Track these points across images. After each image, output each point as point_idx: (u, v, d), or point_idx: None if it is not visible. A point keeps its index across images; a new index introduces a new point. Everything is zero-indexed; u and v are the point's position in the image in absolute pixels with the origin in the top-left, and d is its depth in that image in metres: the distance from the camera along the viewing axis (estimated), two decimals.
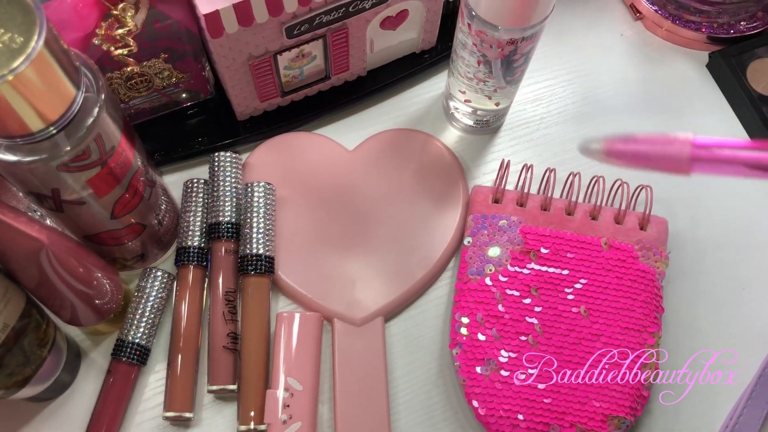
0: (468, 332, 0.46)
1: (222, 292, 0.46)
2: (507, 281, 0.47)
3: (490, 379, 0.44)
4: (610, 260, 0.47)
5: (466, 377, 0.45)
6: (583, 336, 0.45)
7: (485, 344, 0.45)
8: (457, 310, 0.46)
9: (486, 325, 0.46)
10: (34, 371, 0.41)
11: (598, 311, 0.46)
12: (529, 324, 0.46)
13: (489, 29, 0.42)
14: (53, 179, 0.36)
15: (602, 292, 0.46)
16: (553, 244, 0.48)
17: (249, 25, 0.42)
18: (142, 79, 0.46)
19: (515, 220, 0.48)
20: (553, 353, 0.45)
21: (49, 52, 0.31)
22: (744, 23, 0.57)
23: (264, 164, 0.51)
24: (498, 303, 0.46)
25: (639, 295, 0.46)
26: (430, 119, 0.55)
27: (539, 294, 0.46)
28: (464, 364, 0.45)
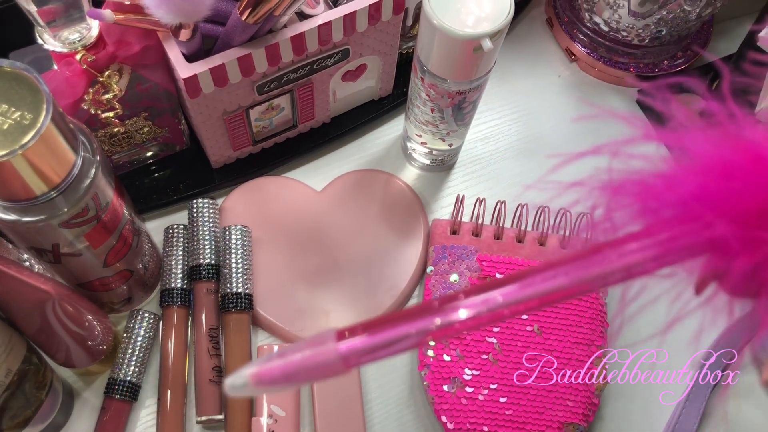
0: (434, 354, 0.50)
1: (205, 329, 0.50)
2: None
3: (456, 395, 0.49)
4: None
5: (434, 395, 0.49)
6: (537, 351, 0.50)
7: (450, 364, 0.50)
8: None
9: (450, 346, 0.50)
10: (33, 413, 0.44)
11: (549, 329, 0.51)
12: (488, 343, 0.50)
13: (439, 82, 0.47)
14: (53, 235, 0.39)
15: (551, 312, 0.51)
16: (507, 269, 0.53)
17: (224, 85, 0.47)
18: (125, 136, 0.50)
19: (472, 249, 0.53)
20: (511, 368, 0.50)
21: (54, 125, 0.35)
22: (667, 62, 0.64)
23: (239, 208, 0.55)
24: None
25: (585, 312, 0.51)
26: (390, 159, 0.60)
27: None
28: (432, 383, 0.49)
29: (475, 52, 0.43)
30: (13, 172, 0.34)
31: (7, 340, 0.40)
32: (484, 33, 0.42)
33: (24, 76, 0.34)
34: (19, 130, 0.33)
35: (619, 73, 0.64)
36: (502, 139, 0.62)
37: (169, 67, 0.47)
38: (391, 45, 0.54)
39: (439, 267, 0.53)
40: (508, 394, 0.49)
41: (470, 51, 0.43)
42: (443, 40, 0.43)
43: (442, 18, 0.42)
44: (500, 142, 0.62)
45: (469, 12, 0.42)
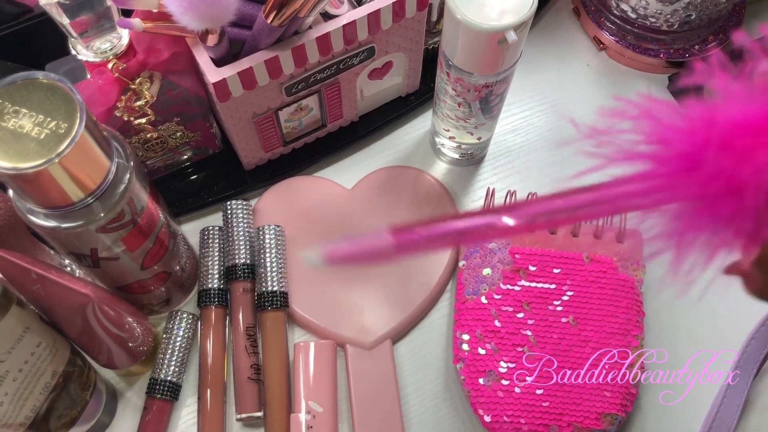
0: (469, 347, 0.50)
1: (243, 328, 0.51)
2: (501, 298, 0.51)
3: (492, 388, 0.49)
4: (592, 272, 0.52)
5: (470, 389, 0.49)
6: (573, 343, 0.50)
7: (485, 357, 0.50)
8: (458, 328, 0.51)
9: (485, 339, 0.50)
10: (79, 413, 0.45)
11: (585, 319, 0.51)
12: (523, 336, 0.50)
13: (465, 76, 0.47)
14: (91, 240, 0.40)
15: (587, 302, 0.51)
16: (540, 261, 0.52)
17: (252, 88, 0.47)
18: (158, 141, 0.51)
19: (504, 242, 0.53)
20: (547, 361, 0.49)
21: (88, 133, 0.36)
22: (698, 47, 0.63)
23: (272, 208, 0.56)
24: (494, 319, 0.51)
25: (621, 302, 0.51)
26: (419, 155, 0.60)
27: (531, 308, 0.51)
28: (468, 377, 0.50)
29: (500, 45, 0.43)
30: (51, 180, 0.35)
31: (52, 343, 0.42)
32: (508, 25, 0.42)
33: (58, 87, 0.35)
34: (55, 139, 0.34)
35: (648, 60, 0.63)
36: (532, 130, 0.62)
37: (198, 73, 0.48)
38: (417, 41, 0.54)
39: (471, 261, 0.53)
40: (546, 385, 0.49)
41: (495, 44, 0.43)
42: (467, 33, 0.43)
43: (465, 12, 0.42)
44: (530, 133, 0.61)
45: (493, 5, 0.42)
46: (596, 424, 0.48)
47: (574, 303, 0.51)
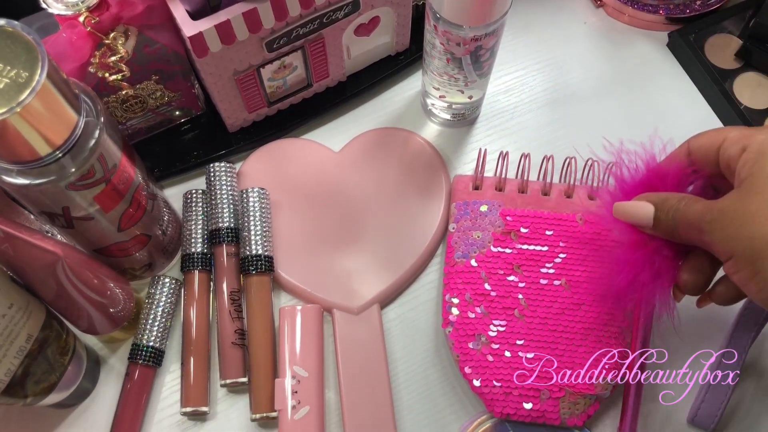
0: (458, 311, 0.49)
1: (227, 293, 0.50)
2: (491, 261, 0.50)
3: (482, 352, 0.47)
4: (585, 234, 0.50)
5: (459, 353, 0.48)
6: (565, 306, 0.49)
7: (475, 321, 0.48)
8: (447, 291, 0.50)
9: (474, 303, 0.49)
10: (58, 378, 0.44)
11: (578, 282, 0.49)
12: (514, 299, 0.49)
13: (453, 29, 0.45)
14: (63, 198, 0.39)
15: (581, 264, 0.50)
16: (532, 223, 0.51)
17: (231, 43, 0.46)
18: (137, 101, 0.50)
19: (495, 204, 0.52)
20: (538, 324, 0.48)
21: (52, 83, 0.34)
22: (699, 2, 0.60)
23: (257, 171, 0.55)
24: (484, 282, 0.49)
25: None
26: (410, 116, 0.58)
27: (522, 271, 0.49)
28: (457, 341, 0.48)
29: None
30: (14, 132, 0.34)
31: (25, 306, 0.41)
32: None
33: (19, 35, 0.34)
34: (15, 89, 0.33)
35: (648, 17, 0.61)
36: (527, 90, 0.60)
37: (176, 28, 0.46)
38: None
39: (461, 224, 0.51)
40: (536, 349, 0.47)
41: None
42: None
43: None
44: (524, 93, 0.59)
45: None
46: (588, 389, 0.46)
47: (567, 265, 0.50)
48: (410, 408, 0.49)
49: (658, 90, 0.59)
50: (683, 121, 0.57)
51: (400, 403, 0.49)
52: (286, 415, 0.46)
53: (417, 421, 0.48)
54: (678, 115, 0.58)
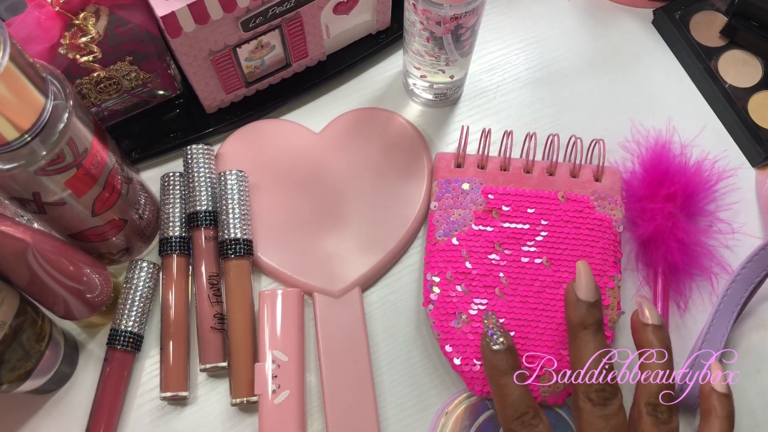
0: (439, 290, 0.48)
1: (206, 277, 0.49)
2: (472, 240, 0.49)
3: (462, 331, 0.47)
4: (567, 212, 0.50)
5: (440, 331, 0.48)
6: (546, 284, 0.48)
7: (456, 300, 0.48)
8: (428, 270, 0.49)
9: (455, 281, 0.48)
10: (34, 365, 0.44)
11: (559, 260, 0.49)
12: (495, 277, 0.48)
13: (433, 7, 0.45)
14: (33, 183, 0.38)
15: (562, 242, 0.49)
16: (514, 201, 0.50)
17: (205, 22, 0.45)
18: (111, 83, 0.49)
19: (477, 181, 0.51)
20: (519, 302, 0.48)
21: (16, 66, 0.33)
22: None
23: (235, 153, 0.54)
24: (465, 260, 0.49)
25: (597, 242, 0.49)
26: (391, 96, 0.57)
27: (503, 249, 0.49)
28: (438, 319, 0.48)
29: None
30: None
31: None
32: None
33: None
34: None
35: None
36: (510, 69, 0.59)
37: (148, 7, 0.45)
38: None
39: (443, 202, 0.51)
40: (517, 327, 0.47)
41: None
42: None
43: None
44: (507, 72, 0.59)
45: None
46: (567, 367, 0.46)
47: (549, 244, 0.49)
48: (392, 390, 0.48)
49: (642, 68, 0.58)
50: (667, 100, 0.57)
51: (381, 386, 0.48)
52: (266, 399, 0.46)
53: (399, 403, 0.48)
54: (662, 94, 0.57)
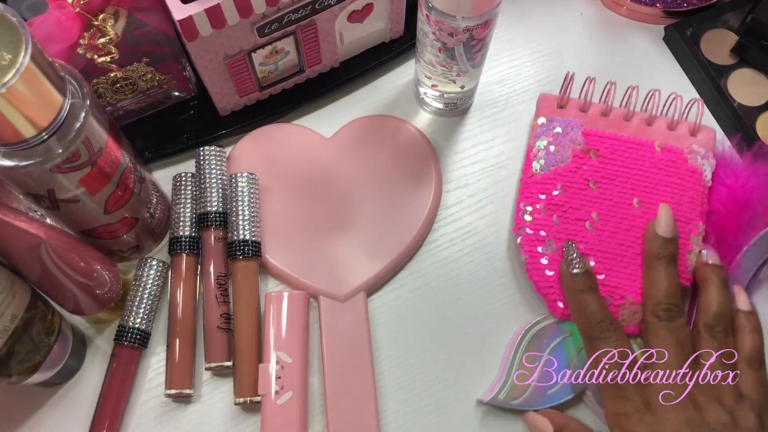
0: (531, 218, 0.51)
1: (214, 277, 0.50)
2: (568, 176, 0.52)
3: (550, 258, 0.50)
4: (662, 160, 0.52)
5: (528, 255, 0.50)
6: (635, 224, 0.50)
7: (546, 228, 0.51)
8: (522, 200, 0.52)
9: (548, 212, 0.51)
10: (43, 358, 0.45)
11: (649, 203, 0.51)
12: (587, 212, 0.51)
13: (446, 19, 0.45)
14: (48, 180, 0.39)
15: (654, 188, 0.51)
16: (612, 144, 0.53)
17: (221, 27, 0.46)
18: (127, 83, 0.49)
19: (578, 123, 0.53)
20: (608, 237, 0.50)
21: (36, 65, 0.34)
22: None
23: (247, 155, 0.55)
24: (560, 193, 0.51)
25: (686, 191, 0.51)
26: (402, 104, 0.58)
27: (597, 187, 0.51)
28: (527, 244, 0.51)
29: None
30: None
31: (10, 286, 0.41)
32: None
33: (3, 17, 0.34)
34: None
35: (645, 9, 0.60)
36: (520, 81, 0.59)
37: (166, 11, 0.46)
38: None
39: (543, 138, 0.53)
40: (602, 260, 0.50)
41: None
42: None
43: None
44: (518, 84, 0.59)
45: None
46: None
47: (641, 187, 0.51)
48: (393, 395, 0.49)
49: (652, 84, 0.58)
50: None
51: (383, 390, 0.49)
52: (269, 399, 0.47)
53: (399, 408, 0.48)
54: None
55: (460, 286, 0.52)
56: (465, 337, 0.50)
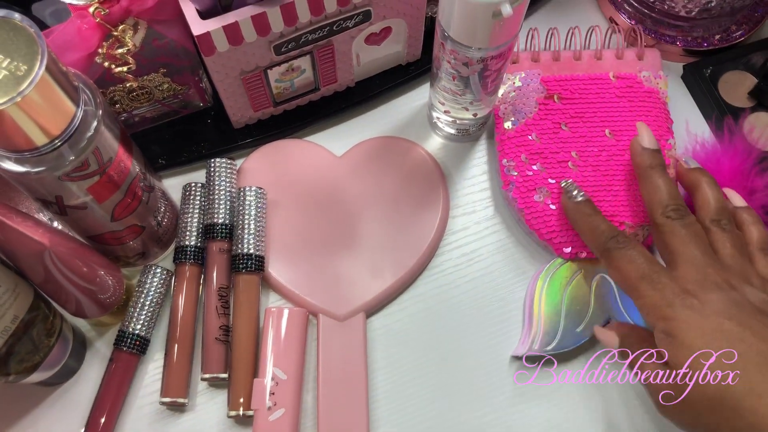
0: (517, 172, 0.53)
1: (216, 288, 0.50)
2: (539, 124, 0.54)
3: (545, 203, 0.52)
4: (619, 88, 0.55)
5: (523, 207, 0.53)
6: (612, 153, 0.53)
7: (534, 177, 0.53)
8: (503, 156, 0.54)
9: (530, 162, 0.53)
10: (42, 358, 0.45)
11: (620, 131, 0.54)
12: (567, 153, 0.53)
13: (460, 49, 0.45)
14: (57, 187, 0.40)
15: (619, 115, 0.54)
16: (570, 85, 0.55)
17: (239, 44, 0.46)
18: (144, 92, 0.50)
19: (535, 72, 0.56)
20: (591, 171, 0.53)
21: (50, 76, 0.35)
22: (718, 36, 0.60)
23: (257, 169, 0.55)
24: (536, 142, 0.54)
25: (650, 111, 0.55)
26: (415, 127, 0.58)
27: (569, 127, 0.54)
28: (520, 197, 0.53)
29: (494, 18, 0.41)
30: (11, 122, 0.34)
31: (13, 287, 0.41)
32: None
33: (21, 28, 0.34)
34: (14, 81, 0.33)
35: (665, 46, 0.60)
36: None
37: (185, 24, 0.46)
38: (418, 8, 0.52)
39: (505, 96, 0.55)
40: (593, 193, 0.52)
41: (489, 17, 0.41)
42: (462, 4, 0.42)
43: None
44: None
45: None
46: (645, 219, 0.51)
47: (608, 118, 0.54)
48: (387, 417, 0.49)
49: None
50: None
51: (376, 413, 0.49)
52: (261, 414, 0.47)
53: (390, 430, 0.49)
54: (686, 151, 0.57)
55: (461, 314, 0.52)
56: (462, 365, 0.50)
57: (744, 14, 0.60)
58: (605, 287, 0.51)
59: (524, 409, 0.49)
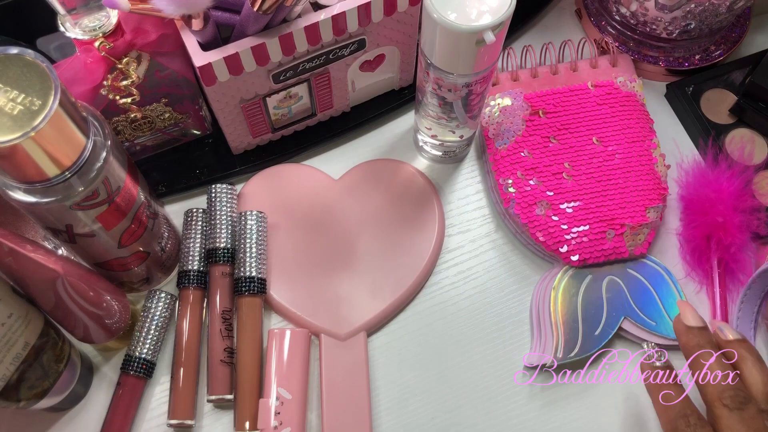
0: (515, 189, 0.55)
1: (219, 311, 0.51)
2: (529, 140, 0.56)
3: (547, 215, 0.54)
4: (599, 96, 0.58)
5: (527, 222, 0.54)
6: (603, 159, 0.56)
7: (532, 191, 0.55)
8: (499, 175, 0.56)
9: (527, 177, 0.55)
10: (51, 384, 0.46)
11: (606, 136, 0.57)
12: (560, 165, 0.56)
13: (444, 75, 0.47)
14: (67, 216, 0.41)
15: (603, 122, 0.57)
16: (552, 99, 0.58)
17: (239, 74, 0.48)
18: (146, 121, 0.52)
19: (517, 91, 0.58)
20: (586, 179, 0.55)
21: (63, 110, 0.36)
22: (699, 56, 0.62)
23: (257, 193, 0.57)
24: (529, 158, 0.56)
25: (631, 114, 0.58)
26: (411, 150, 0.60)
27: (557, 140, 0.56)
28: (522, 212, 0.54)
29: (478, 45, 0.43)
30: (25, 155, 0.36)
31: (25, 315, 0.42)
32: (486, 26, 0.41)
33: (35, 64, 0.36)
34: (29, 116, 0.35)
35: (649, 67, 0.62)
36: None
37: (187, 55, 0.48)
38: (410, 35, 0.54)
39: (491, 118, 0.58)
40: (591, 200, 0.54)
41: (472, 44, 0.43)
42: (445, 33, 0.43)
43: (442, 12, 0.42)
44: None
45: (471, 4, 0.42)
46: (643, 218, 0.54)
47: (593, 126, 0.57)
48: None
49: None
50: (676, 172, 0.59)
51: (379, 429, 0.50)
52: None
53: None
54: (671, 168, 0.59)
55: (460, 330, 0.53)
56: (462, 381, 0.52)
57: (722, 35, 0.63)
58: (615, 288, 0.53)
59: (525, 422, 0.50)
